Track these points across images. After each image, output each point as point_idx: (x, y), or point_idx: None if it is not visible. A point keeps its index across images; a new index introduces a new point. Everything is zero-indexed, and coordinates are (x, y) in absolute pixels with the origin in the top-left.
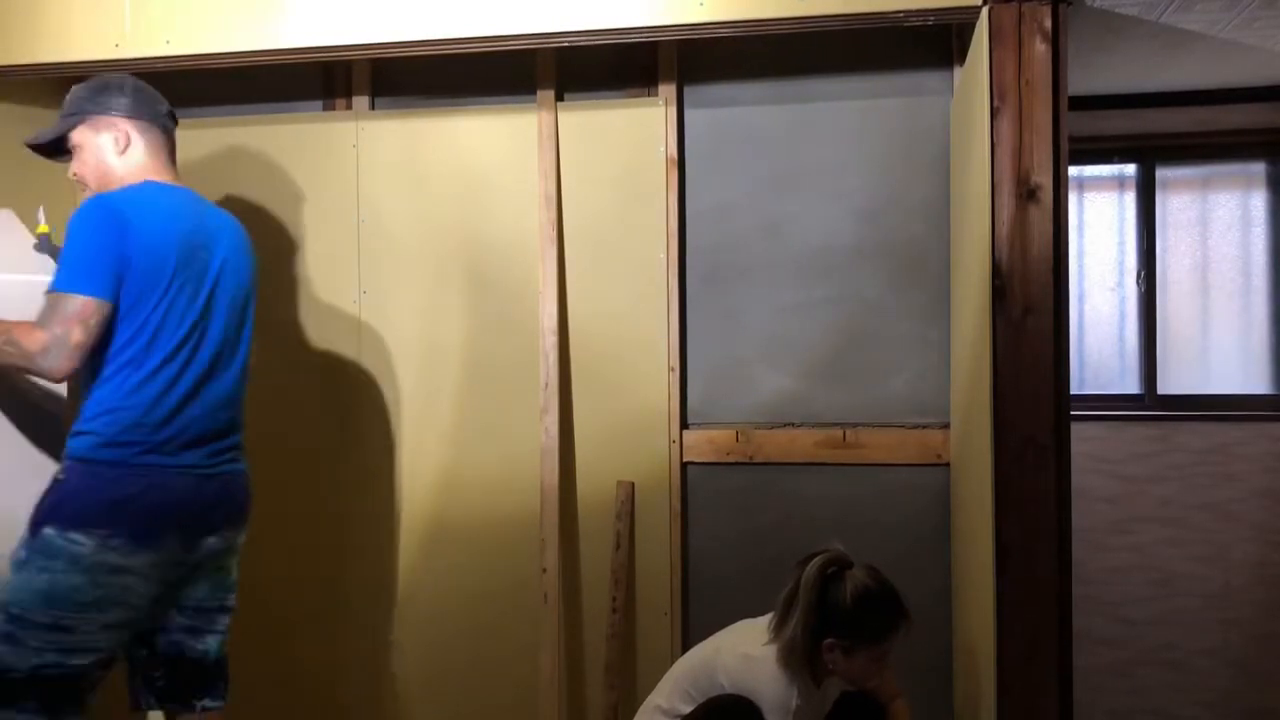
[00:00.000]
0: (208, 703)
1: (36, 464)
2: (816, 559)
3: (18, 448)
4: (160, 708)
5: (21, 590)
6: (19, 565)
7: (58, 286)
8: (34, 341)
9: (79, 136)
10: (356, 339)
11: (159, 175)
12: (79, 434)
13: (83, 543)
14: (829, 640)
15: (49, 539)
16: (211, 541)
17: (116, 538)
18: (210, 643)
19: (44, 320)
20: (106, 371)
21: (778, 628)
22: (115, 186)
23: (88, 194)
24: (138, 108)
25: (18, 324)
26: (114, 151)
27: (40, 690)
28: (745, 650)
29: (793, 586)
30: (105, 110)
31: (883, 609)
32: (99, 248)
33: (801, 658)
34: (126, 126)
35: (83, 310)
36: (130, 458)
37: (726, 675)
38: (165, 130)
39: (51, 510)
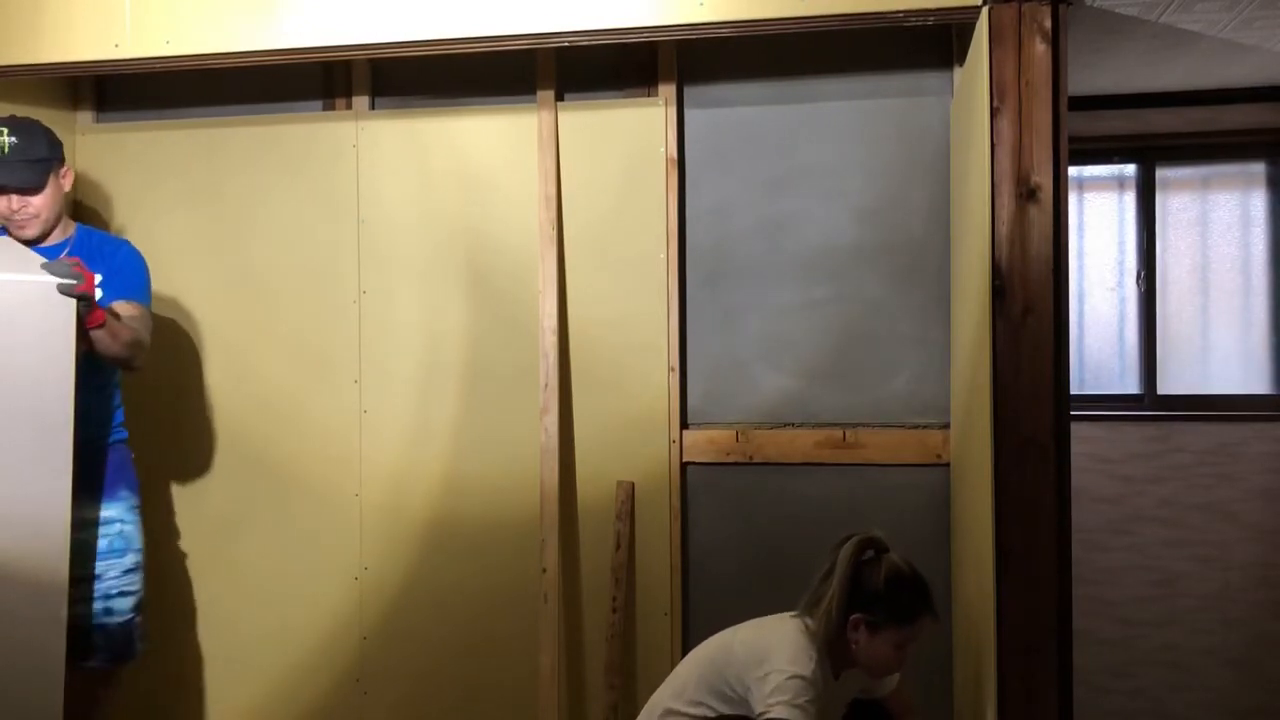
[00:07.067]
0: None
1: (36, 455)
2: (854, 538)
3: (21, 439)
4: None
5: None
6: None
7: (146, 302)
8: (146, 340)
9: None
10: (356, 339)
11: None
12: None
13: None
14: (856, 615)
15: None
16: None
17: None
18: None
19: (147, 325)
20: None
21: (809, 603)
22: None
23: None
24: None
25: (132, 327)
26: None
27: None
28: (764, 621)
29: (829, 565)
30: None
31: (913, 592)
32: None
33: (827, 632)
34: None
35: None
36: None
37: (743, 645)
38: None
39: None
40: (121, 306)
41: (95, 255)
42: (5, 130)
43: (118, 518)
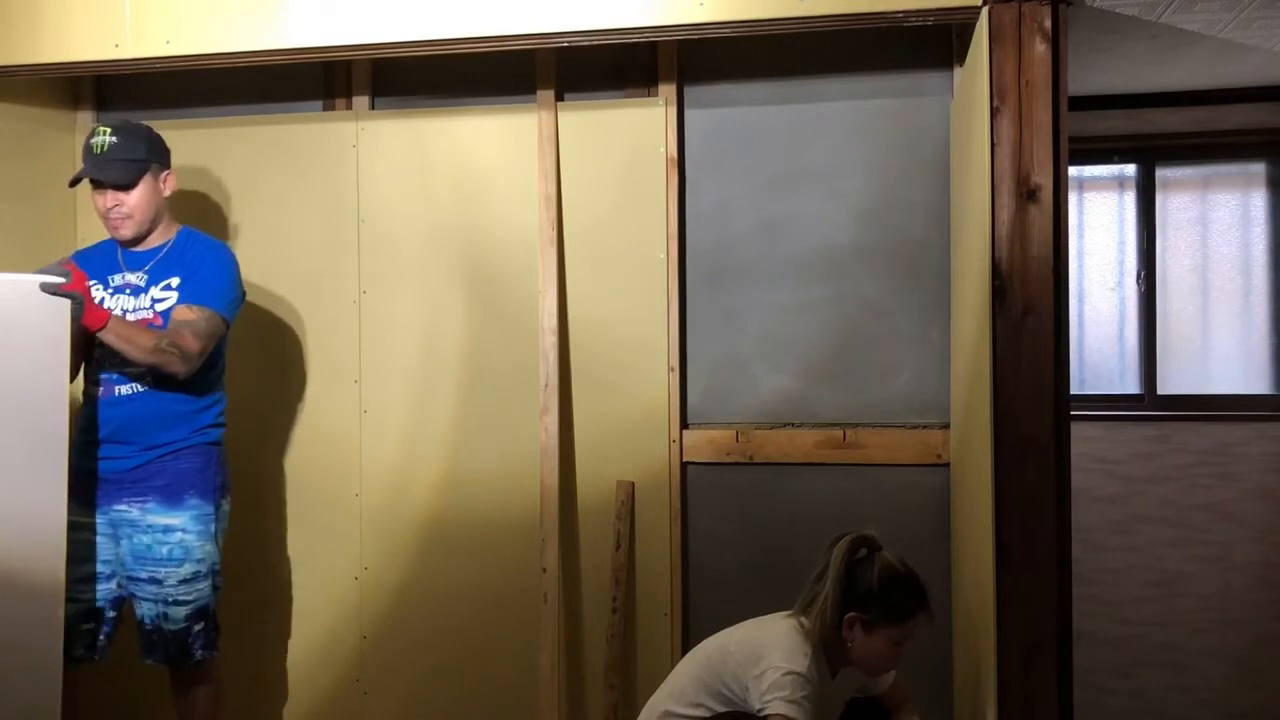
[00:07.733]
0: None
1: (32, 455)
2: (847, 537)
3: (16, 440)
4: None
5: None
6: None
7: (215, 308)
8: (189, 346)
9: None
10: (356, 339)
11: None
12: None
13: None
14: (851, 614)
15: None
16: None
17: None
18: None
19: (198, 331)
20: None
21: (804, 603)
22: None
23: (129, 225)
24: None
25: (175, 332)
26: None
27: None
28: (760, 622)
29: (823, 564)
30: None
31: (908, 590)
32: (238, 284)
33: (823, 631)
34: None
35: (219, 330)
36: None
37: (739, 645)
38: None
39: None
40: (181, 311)
41: (184, 259)
42: (108, 131)
43: (180, 527)
